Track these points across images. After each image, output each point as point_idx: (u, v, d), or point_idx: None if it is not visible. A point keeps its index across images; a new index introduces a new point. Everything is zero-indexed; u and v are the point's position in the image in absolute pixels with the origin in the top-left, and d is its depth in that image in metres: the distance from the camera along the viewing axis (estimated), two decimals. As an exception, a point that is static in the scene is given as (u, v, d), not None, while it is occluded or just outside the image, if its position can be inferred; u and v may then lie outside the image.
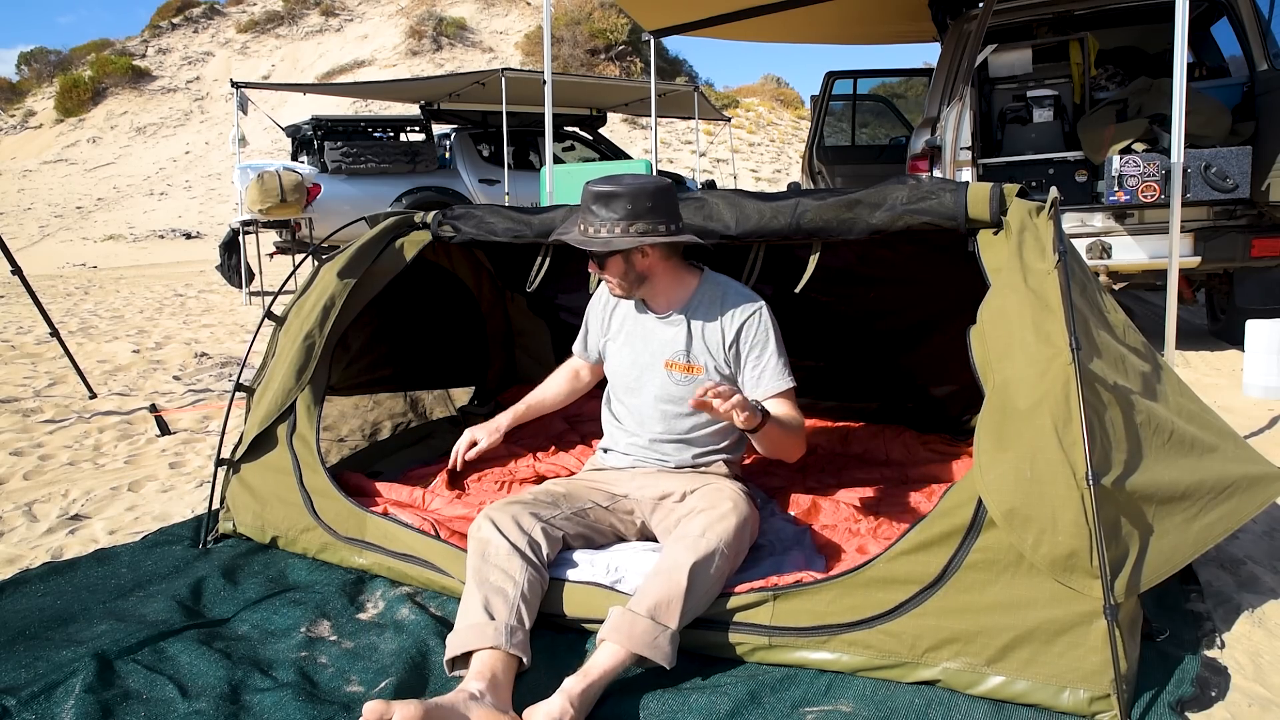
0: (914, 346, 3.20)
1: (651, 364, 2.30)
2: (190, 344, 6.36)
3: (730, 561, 1.93)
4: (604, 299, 2.47)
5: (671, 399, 2.28)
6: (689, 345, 2.25)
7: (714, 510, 2.00)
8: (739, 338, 2.23)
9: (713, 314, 2.25)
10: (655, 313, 2.32)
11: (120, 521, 2.90)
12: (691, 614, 1.83)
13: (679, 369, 2.26)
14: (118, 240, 18.12)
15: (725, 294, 2.28)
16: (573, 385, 2.66)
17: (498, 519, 2.01)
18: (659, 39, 7.82)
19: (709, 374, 2.24)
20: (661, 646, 1.75)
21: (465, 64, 25.61)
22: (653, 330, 2.31)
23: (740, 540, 1.98)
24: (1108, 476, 1.67)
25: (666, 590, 1.80)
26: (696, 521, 1.97)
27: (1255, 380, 4.30)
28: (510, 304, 3.78)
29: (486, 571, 1.90)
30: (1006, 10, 5.45)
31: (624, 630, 1.75)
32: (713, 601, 1.89)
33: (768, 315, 2.24)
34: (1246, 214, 4.84)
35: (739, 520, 1.98)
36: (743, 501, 2.09)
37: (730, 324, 2.23)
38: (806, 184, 8.18)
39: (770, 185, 21.13)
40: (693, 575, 1.82)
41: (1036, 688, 1.66)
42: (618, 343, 2.39)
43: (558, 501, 2.16)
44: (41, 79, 29.73)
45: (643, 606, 1.78)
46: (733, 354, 2.24)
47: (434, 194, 9.65)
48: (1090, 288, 2.03)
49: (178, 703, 1.75)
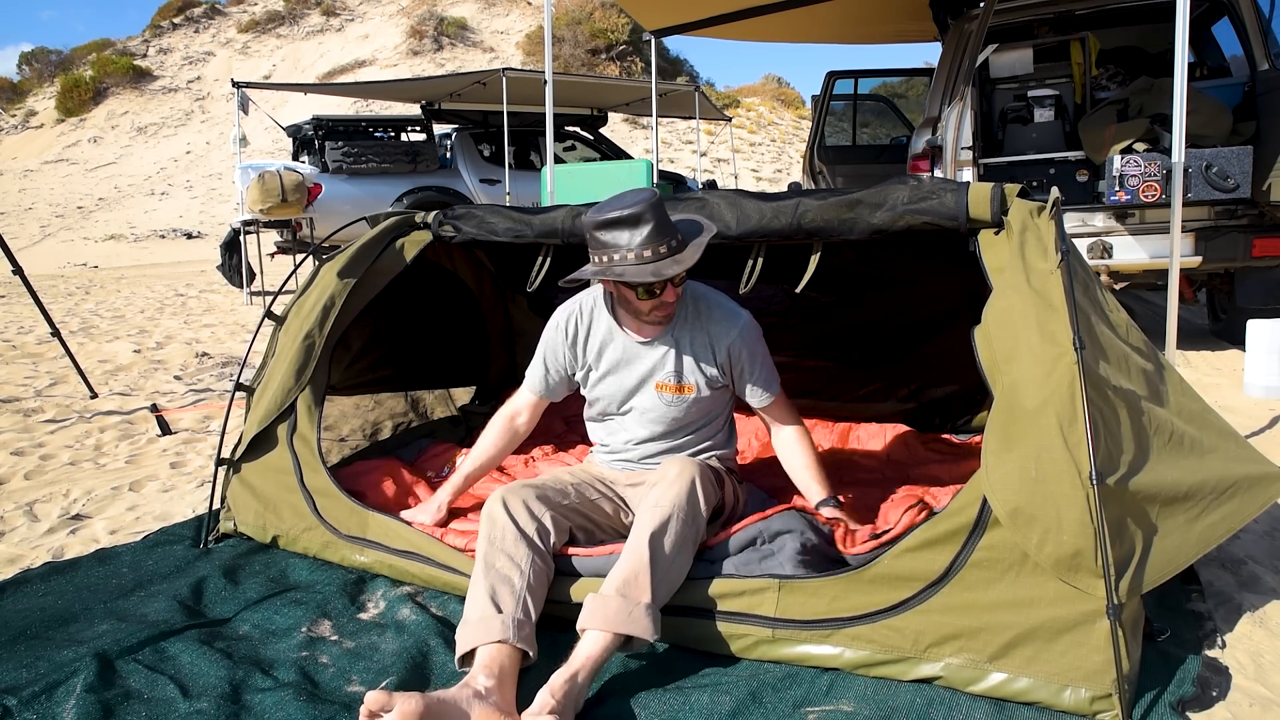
0: (915, 346, 3.20)
1: (641, 388, 2.26)
2: (191, 344, 6.36)
3: (690, 523, 1.92)
4: (569, 333, 2.31)
5: (662, 419, 2.27)
6: (679, 367, 2.22)
7: (663, 480, 2.01)
8: (730, 358, 2.23)
9: (698, 332, 2.23)
10: (638, 336, 2.24)
11: (121, 521, 2.90)
12: (665, 584, 1.84)
13: (670, 390, 2.23)
14: (119, 240, 18.12)
15: (708, 309, 2.25)
16: (509, 439, 2.42)
17: (509, 500, 2.01)
18: (660, 39, 7.82)
19: (700, 392, 2.23)
20: (638, 619, 1.76)
21: (466, 64, 25.61)
22: (638, 353, 2.25)
23: (693, 500, 1.96)
24: (1112, 476, 1.67)
25: (631, 565, 1.82)
26: (649, 495, 1.98)
27: (1256, 380, 4.29)
28: (511, 304, 3.78)
29: (494, 556, 1.91)
30: (1007, 10, 5.45)
31: (598, 613, 1.77)
32: (687, 571, 1.90)
33: (752, 328, 2.26)
34: (1247, 214, 4.84)
35: (687, 482, 1.98)
36: (690, 464, 2.05)
37: (719, 344, 2.22)
38: (807, 184, 8.18)
39: (771, 185, 21.13)
40: (652, 545, 1.83)
41: (1038, 686, 1.66)
42: (599, 371, 2.30)
43: (566, 490, 2.17)
44: (42, 79, 29.74)
45: (612, 587, 1.81)
46: (724, 370, 2.24)
47: (435, 194, 9.66)
48: (1092, 287, 2.03)
49: (179, 702, 1.75)
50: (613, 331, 2.26)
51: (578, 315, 2.31)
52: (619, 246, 2.00)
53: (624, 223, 1.99)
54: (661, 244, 2.00)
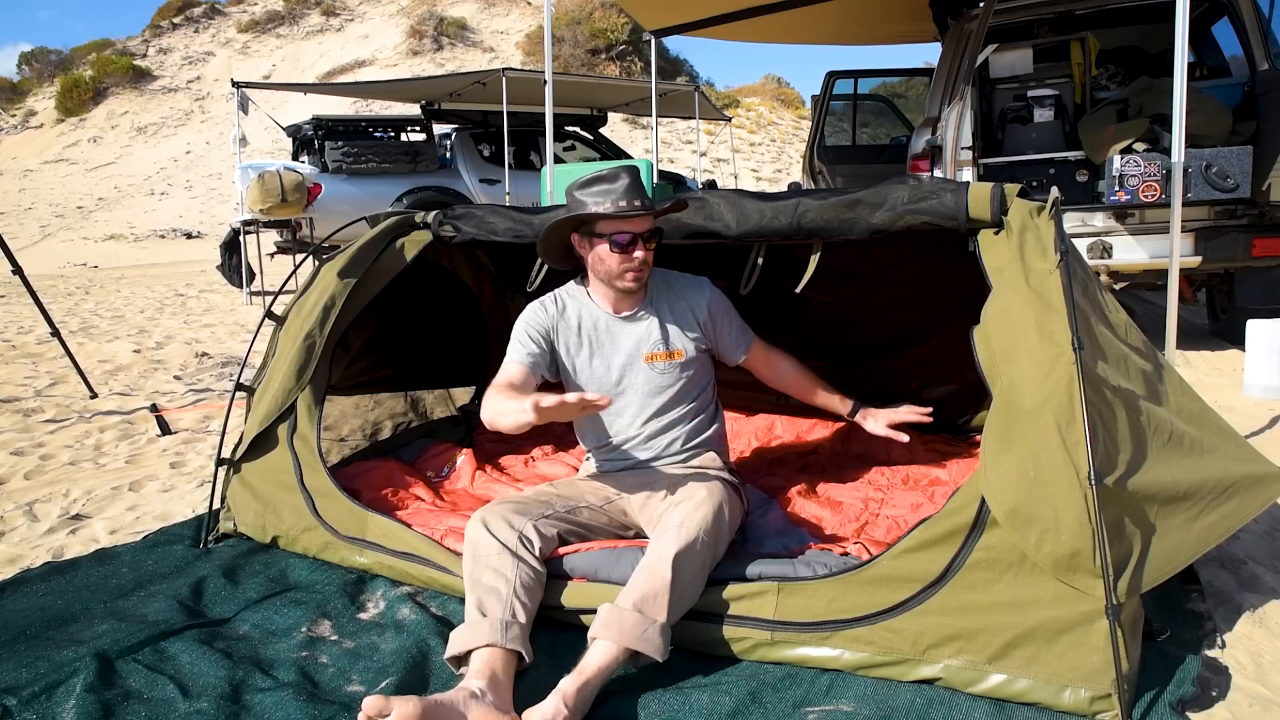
0: (914, 346, 3.19)
1: (630, 363, 2.32)
2: (191, 344, 6.36)
3: (711, 549, 1.94)
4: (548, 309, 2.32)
5: (656, 390, 2.32)
6: (665, 334, 2.32)
7: (690, 500, 2.02)
8: (711, 316, 2.38)
9: (675, 301, 2.36)
10: (618, 313, 2.32)
11: (121, 521, 2.90)
12: (679, 605, 1.85)
13: (661, 358, 2.31)
14: (118, 240, 18.13)
15: (676, 280, 2.41)
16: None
17: (488, 519, 2.02)
18: (659, 39, 7.82)
19: (689, 355, 2.33)
20: (652, 639, 1.77)
21: (466, 64, 25.61)
22: (622, 331, 2.32)
23: (719, 526, 1.99)
24: (1110, 476, 1.67)
25: (651, 583, 1.82)
26: (675, 513, 1.98)
27: (1256, 380, 4.30)
28: (511, 304, 3.78)
29: (479, 573, 1.92)
30: (1007, 10, 5.44)
31: (613, 626, 1.77)
32: (701, 593, 1.90)
33: (717, 289, 2.43)
34: (1247, 214, 4.84)
35: (715, 506, 2.00)
36: (718, 488, 2.09)
37: (698, 307, 2.37)
38: (807, 184, 8.18)
39: (771, 185, 21.13)
40: (675, 566, 1.83)
41: (1038, 686, 1.66)
42: (583, 356, 2.33)
43: (551, 501, 2.17)
44: (42, 79, 29.74)
45: (629, 601, 1.80)
46: (708, 331, 2.39)
47: (435, 194, 9.66)
48: (1092, 287, 2.03)
49: (178, 702, 1.75)
50: (590, 313, 2.34)
51: (553, 299, 2.38)
52: (600, 199, 2.14)
53: (602, 179, 2.15)
54: (635, 199, 2.14)
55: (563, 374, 2.36)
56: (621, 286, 2.24)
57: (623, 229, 2.16)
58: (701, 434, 2.38)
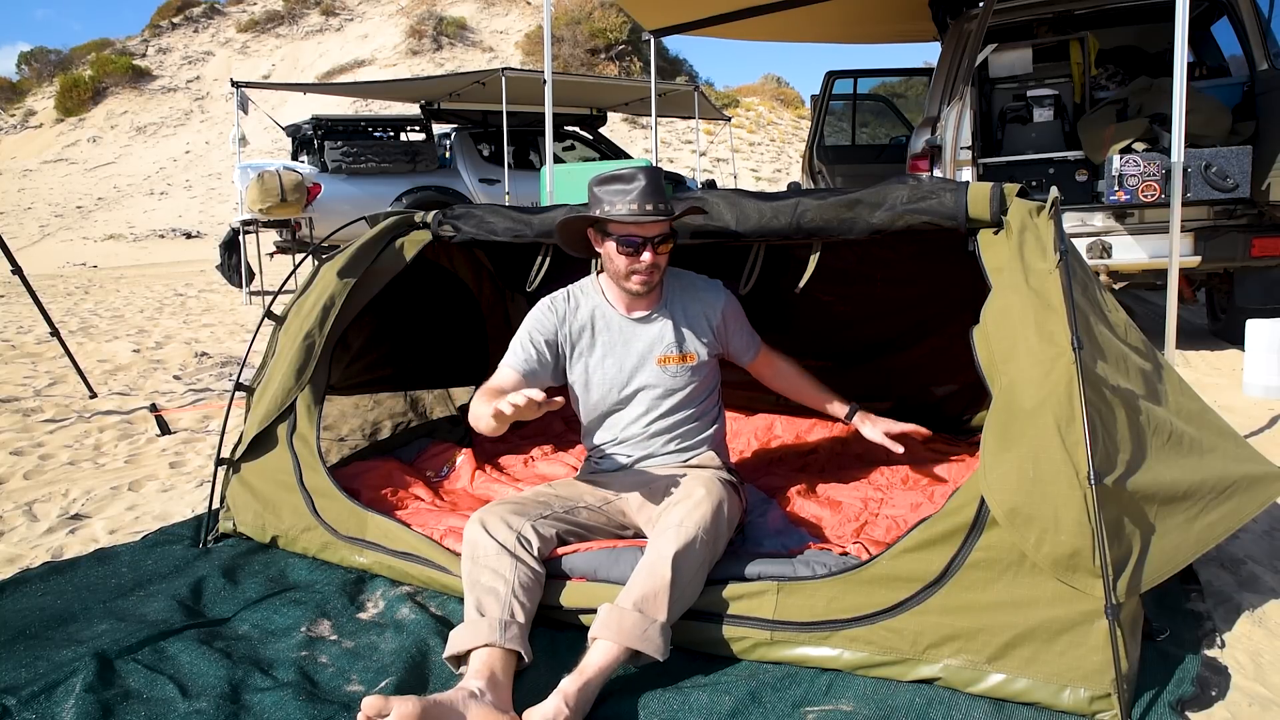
0: (914, 346, 3.20)
1: (641, 365, 2.31)
2: (190, 343, 6.36)
3: (710, 547, 1.94)
4: (558, 311, 2.31)
5: (666, 391, 2.32)
6: (679, 337, 2.32)
7: (689, 499, 2.01)
8: (724, 319, 2.38)
9: (691, 302, 2.36)
10: (632, 314, 2.32)
11: (120, 521, 2.90)
12: (680, 604, 1.85)
13: (674, 361, 2.31)
14: (118, 240, 18.12)
15: (691, 283, 2.40)
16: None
17: (486, 520, 2.02)
18: (659, 38, 7.82)
19: (701, 359, 2.33)
20: (652, 638, 1.77)
21: (465, 63, 25.60)
22: (635, 332, 2.31)
23: (718, 524, 1.98)
24: (1110, 476, 1.67)
25: (651, 583, 1.82)
26: (674, 513, 1.98)
27: (1255, 380, 4.30)
28: (510, 304, 3.78)
29: (477, 574, 1.92)
30: (1007, 10, 5.44)
31: (613, 626, 1.77)
32: (700, 592, 1.90)
33: (729, 293, 2.44)
34: (1247, 213, 4.84)
35: (713, 505, 1.99)
36: (716, 487, 2.08)
37: (712, 310, 2.37)
38: (807, 183, 8.18)
39: (770, 185, 21.12)
40: (675, 565, 1.83)
41: (1037, 686, 1.66)
42: (596, 355, 2.32)
43: (549, 502, 2.17)
44: (41, 78, 29.71)
45: (630, 601, 1.81)
46: (720, 335, 2.39)
47: (434, 193, 9.65)
48: (1091, 287, 2.03)
49: (178, 702, 1.75)
50: (604, 312, 2.32)
51: (564, 298, 2.36)
52: (614, 199, 2.13)
53: (620, 178, 2.15)
54: (648, 203, 2.13)
55: (570, 377, 2.35)
56: (628, 288, 2.24)
57: (633, 232, 2.15)
58: (703, 434, 2.39)
